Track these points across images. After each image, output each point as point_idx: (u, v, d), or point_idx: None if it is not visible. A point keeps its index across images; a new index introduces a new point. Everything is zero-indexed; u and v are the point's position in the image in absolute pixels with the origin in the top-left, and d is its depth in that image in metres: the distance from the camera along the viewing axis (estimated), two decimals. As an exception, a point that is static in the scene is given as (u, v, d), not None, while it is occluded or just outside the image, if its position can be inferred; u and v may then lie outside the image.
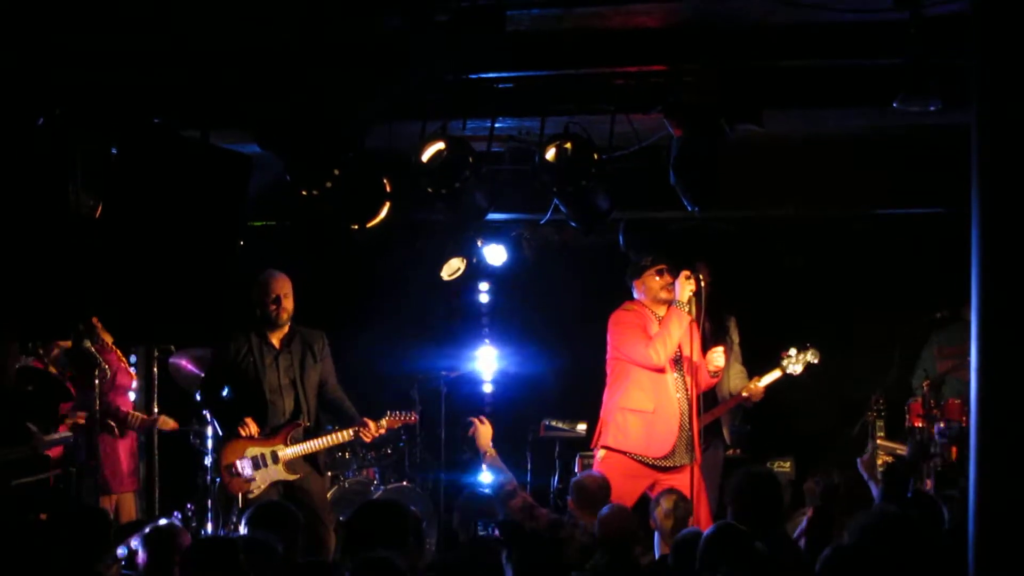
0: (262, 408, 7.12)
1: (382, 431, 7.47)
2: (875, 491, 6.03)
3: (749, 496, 5.28)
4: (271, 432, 7.11)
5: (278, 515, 5.35)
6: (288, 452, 7.10)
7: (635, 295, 7.24)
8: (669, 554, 5.05)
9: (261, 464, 7.05)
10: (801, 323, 9.01)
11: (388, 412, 7.58)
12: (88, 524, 5.12)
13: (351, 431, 7.30)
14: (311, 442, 7.18)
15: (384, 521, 4.97)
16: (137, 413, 7.72)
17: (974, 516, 3.80)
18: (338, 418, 7.45)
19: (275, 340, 7.21)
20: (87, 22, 5.58)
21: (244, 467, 7.02)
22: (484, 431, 6.65)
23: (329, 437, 7.26)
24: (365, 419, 7.33)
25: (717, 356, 7.19)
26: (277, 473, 7.09)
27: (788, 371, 7.77)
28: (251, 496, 6.97)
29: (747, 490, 5.31)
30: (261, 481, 7.05)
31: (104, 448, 7.26)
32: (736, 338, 8.15)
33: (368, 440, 7.51)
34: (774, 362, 7.83)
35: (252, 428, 7.03)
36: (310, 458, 7.19)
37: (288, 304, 7.19)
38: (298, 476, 7.13)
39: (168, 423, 7.88)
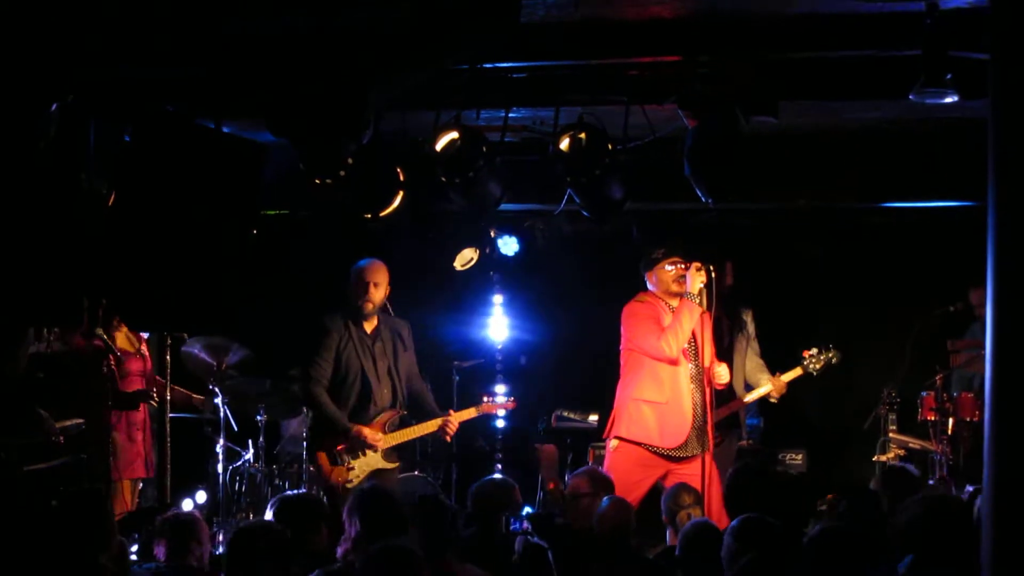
0: (367, 397, 7.12)
1: (456, 427, 7.39)
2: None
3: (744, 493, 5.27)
4: (370, 421, 7.11)
5: (304, 507, 5.35)
6: (386, 441, 7.11)
7: (648, 286, 7.23)
8: (676, 545, 5.03)
9: (361, 453, 7.05)
10: (815, 316, 8.99)
11: (484, 398, 7.61)
12: (82, 508, 5.10)
13: (437, 423, 7.30)
14: (406, 430, 7.22)
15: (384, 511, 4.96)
16: (179, 388, 7.82)
17: (989, 509, 3.78)
18: (417, 411, 7.40)
19: (368, 328, 7.22)
20: (101, 12, 5.57)
21: (347, 457, 7.02)
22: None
23: (418, 427, 7.27)
24: (449, 412, 7.38)
25: (722, 374, 7.18)
26: (376, 462, 7.09)
27: (809, 370, 7.76)
28: (349, 486, 6.90)
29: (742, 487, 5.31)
30: (360, 471, 7.04)
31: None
32: (753, 331, 8.12)
33: (445, 437, 7.46)
34: (796, 360, 7.81)
35: (369, 432, 7.02)
36: (397, 447, 7.22)
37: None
38: (395, 465, 7.16)
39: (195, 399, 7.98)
